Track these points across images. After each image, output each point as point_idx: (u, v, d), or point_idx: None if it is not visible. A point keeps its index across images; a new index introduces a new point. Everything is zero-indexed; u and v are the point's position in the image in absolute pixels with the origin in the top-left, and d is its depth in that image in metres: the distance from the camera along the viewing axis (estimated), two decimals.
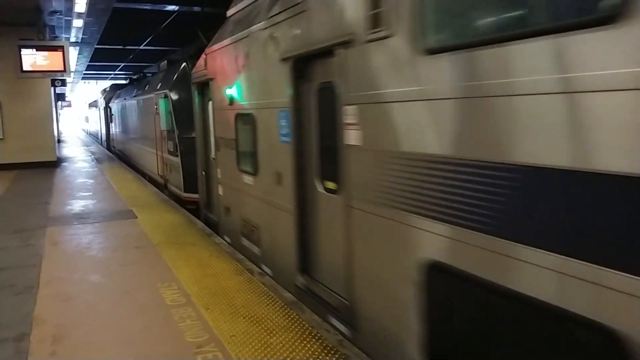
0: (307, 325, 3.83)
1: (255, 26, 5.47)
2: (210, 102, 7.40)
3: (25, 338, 3.72)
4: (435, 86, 2.84)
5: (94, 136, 35.10)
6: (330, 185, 4.24)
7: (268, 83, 5.22)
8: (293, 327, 3.82)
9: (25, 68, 12.68)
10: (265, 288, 4.62)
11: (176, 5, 16.26)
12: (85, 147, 24.51)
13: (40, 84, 14.79)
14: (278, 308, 4.16)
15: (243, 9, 6.31)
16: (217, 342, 3.58)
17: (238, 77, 6.05)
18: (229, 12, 7.00)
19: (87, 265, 5.49)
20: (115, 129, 22.33)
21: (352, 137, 3.67)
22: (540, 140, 2.25)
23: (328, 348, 3.48)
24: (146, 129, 13.63)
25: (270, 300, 4.32)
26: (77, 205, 9.02)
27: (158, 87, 11.81)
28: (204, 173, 8.02)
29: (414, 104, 3.03)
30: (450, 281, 2.83)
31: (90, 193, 10.32)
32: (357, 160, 3.65)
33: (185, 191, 9.71)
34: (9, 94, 14.40)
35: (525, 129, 2.32)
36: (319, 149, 4.46)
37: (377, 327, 3.48)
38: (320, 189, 4.43)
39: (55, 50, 12.93)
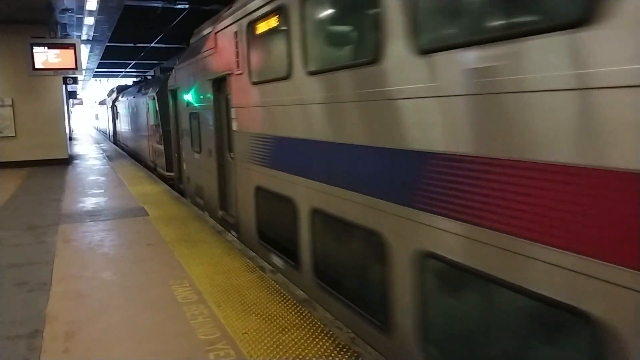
0: (319, 323, 3.81)
1: (196, 56, 8.29)
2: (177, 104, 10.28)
3: (38, 335, 3.73)
4: (256, 100, 5.76)
5: (102, 132, 37.77)
6: (232, 154, 6.89)
7: (204, 92, 7.94)
8: (305, 324, 3.80)
9: (37, 66, 12.74)
10: (277, 285, 4.61)
11: (187, 3, 16.28)
12: (97, 145, 24.64)
13: (52, 82, 14.87)
14: (290, 306, 4.14)
15: (195, 41, 8.94)
16: (229, 339, 3.57)
17: (190, 88, 8.80)
18: (190, 41, 9.40)
19: (99, 262, 5.51)
20: (120, 125, 25.33)
21: (234, 125, 6.58)
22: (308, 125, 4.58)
23: (340, 346, 3.46)
24: (142, 125, 16.56)
25: (282, 298, 4.31)
26: (89, 202, 9.06)
27: (150, 91, 14.58)
28: (176, 155, 10.91)
29: (251, 108, 5.98)
30: (264, 194, 5.74)
31: (102, 190, 10.37)
32: (236, 139, 6.58)
33: (167, 170, 12.69)
34: (21, 92, 14.49)
35: (302, 120, 4.68)
36: (227, 133, 7.05)
37: (245, 228, 6.42)
38: (228, 157, 7.12)
39: (67, 48, 12.98)
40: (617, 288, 2.03)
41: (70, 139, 25.48)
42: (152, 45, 24.57)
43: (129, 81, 36.45)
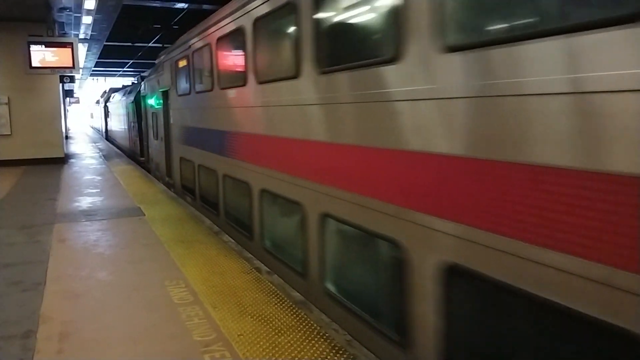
0: (315, 325, 3.79)
1: (155, 74, 11.80)
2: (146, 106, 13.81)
3: (32, 335, 3.70)
4: (178, 105, 9.51)
5: (97, 130, 40.55)
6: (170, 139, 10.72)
7: (158, 99, 11.32)
8: (301, 326, 3.78)
9: (34, 64, 12.71)
10: (273, 287, 4.59)
11: (185, 2, 16.27)
12: (93, 144, 24.57)
13: (49, 80, 14.81)
14: (286, 307, 4.13)
15: (157, 62, 11.80)
16: (225, 341, 3.55)
17: (153, 95, 12.16)
18: (156, 61, 12.04)
19: (95, 262, 5.48)
20: (110, 122, 29.38)
21: (171, 120, 10.18)
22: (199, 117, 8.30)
23: (336, 348, 3.44)
24: (125, 122, 20.89)
25: (278, 300, 4.29)
26: (85, 202, 9.02)
27: (130, 96, 18.47)
28: (146, 143, 14.26)
29: (176, 110, 9.76)
30: (186, 163, 9.18)
31: (98, 190, 10.33)
32: (172, 129, 10.19)
33: (140, 156, 16.37)
34: (18, 90, 14.42)
35: (192, 116, 8.77)
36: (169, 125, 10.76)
37: (176, 183, 10.16)
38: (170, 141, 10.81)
39: (64, 46, 12.95)
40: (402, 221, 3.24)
41: (67, 137, 25.42)
42: (150, 44, 24.56)
43: (126, 80, 37.29)
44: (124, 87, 25.42)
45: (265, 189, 5.58)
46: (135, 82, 25.72)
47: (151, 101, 12.32)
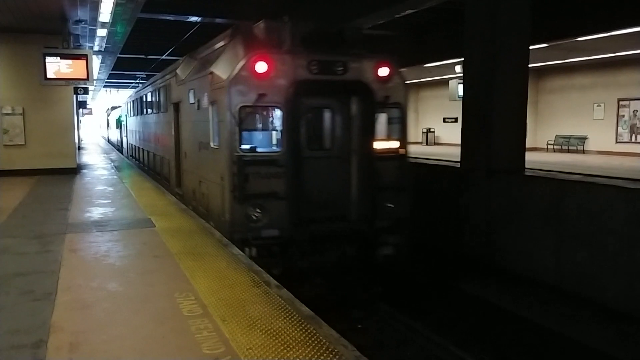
0: (324, 341, 3.79)
1: (137, 93, 20.28)
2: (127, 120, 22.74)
3: (42, 345, 3.72)
4: (132, 122, 21.47)
5: (103, 138, 50.26)
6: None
7: (127, 117, 23.17)
8: (310, 341, 3.77)
9: (49, 75, 12.85)
10: (282, 301, 4.59)
11: (199, 16, 16.44)
12: (105, 155, 24.75)
13: (63, 92, 14.98)
14: (295, 322, 4.13)
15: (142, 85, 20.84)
16: (234, 354, 3.55)
17: (126, 113, 22.95)
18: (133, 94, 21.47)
19: (105, 273, 5.51)
20: (110, 130, 39.86)
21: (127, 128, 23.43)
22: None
23: None
24: (118, 130, 29.79)
25: (287, 314, 4.29)
26: (96, 212, 9.08)
27: (121, 111, 27.18)
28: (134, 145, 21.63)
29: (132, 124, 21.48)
30: (134, 147, 21.00)
31: (109, 200, 10.40)
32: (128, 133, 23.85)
33: (128, 155, 23.39)
34: (32, 101, 14.60)
35: (134, 127, 20.39)
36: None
37: (141, 163, 19.75)
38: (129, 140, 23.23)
39: (79, 58, 13.10)
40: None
41: (79, 148, 25.64)
42: (163, 57, 24.77)
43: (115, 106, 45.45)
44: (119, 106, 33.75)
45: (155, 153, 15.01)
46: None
47: (127, 117, 22.54)
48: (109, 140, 41.86)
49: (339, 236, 7.52)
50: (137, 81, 37.44)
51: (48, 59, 12.81)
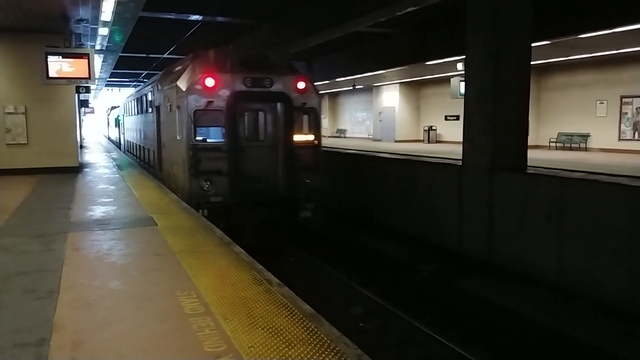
0: (325, 339, 3.79)
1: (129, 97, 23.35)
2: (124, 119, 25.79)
3: (45, 343, 3.74)
4: (129, 121, 23.86)
5: (105, 137, 51.14)
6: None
7: (124, 117, 25.45)
8: (312, 340, 3.78)
9: (51, 74, 12.88)
10: (284, 299, 4.60)
11: (200, 15, 16.43)
12: (107, 153, 24.79)
13: (65, 91, 15.00)
14: (297, 320, 4.13)
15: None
16: (235, 352, 3.56)
17: (124, 114, 25.29)
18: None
19: (108, 271, 5.53)
20: (109, 128, 43.36)
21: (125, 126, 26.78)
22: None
23: None
24: (116, 128, 32.64)
25: (289, 312, 4.30)
26: (98, 211, 9.10)
27: (118, 111, 30.48)
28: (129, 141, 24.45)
29: (129, 122, 24.26)
30: (129, 142, 24.00)
31: (111, 199, 10.42)
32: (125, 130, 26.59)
33: (125, 150, 25.15)
34: (34, 100, 14.63)
35: (131, 125, 23.04)
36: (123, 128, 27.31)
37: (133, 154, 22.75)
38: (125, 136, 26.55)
39: (81, 57, 13.12)
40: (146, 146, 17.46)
41: (81, 147, 25.69)
42: (165, 55, 24.78)
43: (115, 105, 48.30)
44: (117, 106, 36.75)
45: (144, 146, 17.80)
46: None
47: (123, 116, 26.11)
48: (109, 139, 43.29)
49: (269, 202, 10.31)
50: (139, 79, 37.53)
51: (50, 58, 12.83)
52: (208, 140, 10.41)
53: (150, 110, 15.17)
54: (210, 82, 9.97)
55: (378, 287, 8.85)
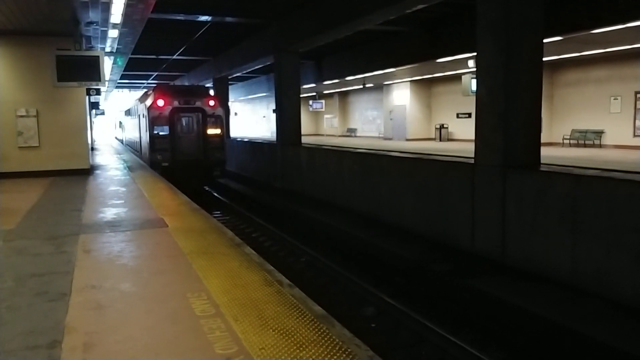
0: (337, 340, 3.75)
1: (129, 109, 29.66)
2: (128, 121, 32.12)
3: (57, 345, 3.74)
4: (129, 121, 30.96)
5: (116, 138, 53.55)
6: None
7: (127, 120, 32.06)
8: (323, 341, 3.74)
9: (61, 77, 12.91)
10: (295, 300, 4.57)
11: (209, 15, 16.44)
12: (118, 155, 24.93)
13: (76, 93, 15.08)
14: (308, 321, 4.10)
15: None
16: (247, 354, 3.53)
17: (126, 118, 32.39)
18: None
19: (119, 273, 5.53)
20: (118, 129, 48.33)
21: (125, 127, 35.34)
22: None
23: None
24: (120, 129, 41.48)
25: (300, 313, 4.26)
26: (109, 213, 9.13)
27: (119, 118, 42.54)
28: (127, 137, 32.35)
29: (128, 123, 31.73)
30: (127, 138, 33.47)
31: (122, 201, 10.45)
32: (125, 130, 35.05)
33: (125, 144, 33.71)
34: (45, 103, 14.72)
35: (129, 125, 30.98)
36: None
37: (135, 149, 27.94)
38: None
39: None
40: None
41: (92, 149, 25.88)
42: (175, 57, 24.85)
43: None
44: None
45: (135, 140, 24.73)
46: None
47: (126, 119, 31.46)
48: (117, 138, 51.03)
49: (193, 167, 17.98)
50: (149, 81, 37.73)
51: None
52: (160, 133, 17.90)
53: (137, 116, 22.57)
54: (160, 102, 17.73)
55: (392, 289, 8.84)
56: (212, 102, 18.42)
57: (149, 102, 18.38)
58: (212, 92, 24.39)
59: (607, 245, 7.45)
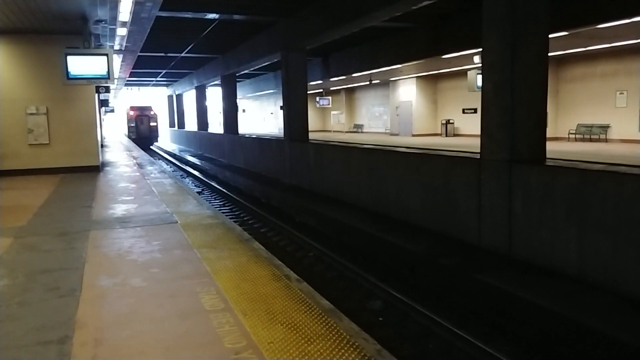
0: (344, 334, 3.81)
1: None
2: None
3: (67, 341, 3.81)
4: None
5: (125, 135, 57.06)
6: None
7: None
8: (331, 335, 3.80)
9: (71, 75, 13.01)
10: (303, 295, 4.62)
11: (217, 13, 16.48)
12: (128, 152, 25.06)
13: (85, 91, 15.20)
14: (315, 315, 4.15)
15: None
16: (255, 348, 3.59)
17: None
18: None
19: (129, 268, 5.60)
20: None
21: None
22: None
23: (366, 358, 3.45)
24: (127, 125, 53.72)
25: (308, 307, 4.32)
26: (119, 209, 9.22)
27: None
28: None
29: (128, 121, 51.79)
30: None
31: (132, 197, 10.54)
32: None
33: (128, 134, 46.99)
34: (55, 101, 14.85)
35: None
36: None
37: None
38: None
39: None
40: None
41: (102, 146, 26.01)
42: (183, 54, 24.91)
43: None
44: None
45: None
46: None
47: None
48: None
49: (145, 141, 42.74)
50: (157, 79, 37.99)
51: (70, 59, 12.97)
52: (130, 125, 43.40)
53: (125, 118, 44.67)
54: (131, 112, 43.09)
55: (400, 283, 8.88)
56: (152, 112, 43.83)
57: (127, 111, 44.77)
58: (152, 107, 45.52)
59: (614, 239, 7.45)
